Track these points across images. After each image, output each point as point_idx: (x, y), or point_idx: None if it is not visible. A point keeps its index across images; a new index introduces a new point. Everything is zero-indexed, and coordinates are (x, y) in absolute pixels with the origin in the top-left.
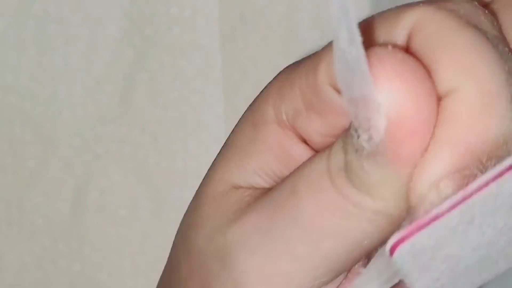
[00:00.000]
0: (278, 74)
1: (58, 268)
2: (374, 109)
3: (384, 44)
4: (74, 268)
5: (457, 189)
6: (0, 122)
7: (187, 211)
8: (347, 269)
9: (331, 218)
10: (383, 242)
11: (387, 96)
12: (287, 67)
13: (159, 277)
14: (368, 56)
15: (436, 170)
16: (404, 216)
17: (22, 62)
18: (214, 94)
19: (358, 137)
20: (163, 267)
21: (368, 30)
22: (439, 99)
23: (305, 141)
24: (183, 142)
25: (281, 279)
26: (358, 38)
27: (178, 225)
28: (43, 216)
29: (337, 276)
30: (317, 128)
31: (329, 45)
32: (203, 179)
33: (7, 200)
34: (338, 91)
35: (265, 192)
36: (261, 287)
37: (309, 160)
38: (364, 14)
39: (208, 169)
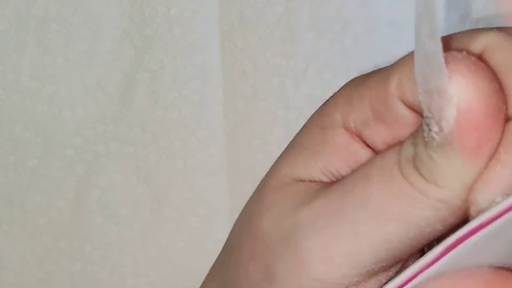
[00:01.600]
0: (346, 84)
1: (59, 267)
2: (447, 100)
3: (460, 50)
4: (75, 267)
5: None
6: (1, 121)
7: (248, 201)
8: (404, 257)
9: (398, 204)
10: (442, 236)
11: (458, 89)
12: (356, 77)
13: (159, 275)
14: (445, 56)
15: (496, 186)
16: (464, 210)
17: (23, 62)
18: (213, 94)
19: (430, 130)
20: (163, 266)
21: (444, 44)
22: (508, 120)
23: (369, 146)
24: (183, 142)
25: (343, 260)
26: (438, 33)
27: (178, 225)
28: (44, 215)
29: (395, 262)
30: (383, 137)
31: (399, 60)
32: (266, 173)
33: (8, 199)
34: (406, 104)
35: (334, 182)
36: (325, 266)
37: (381, 153)
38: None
39: (272, 165)
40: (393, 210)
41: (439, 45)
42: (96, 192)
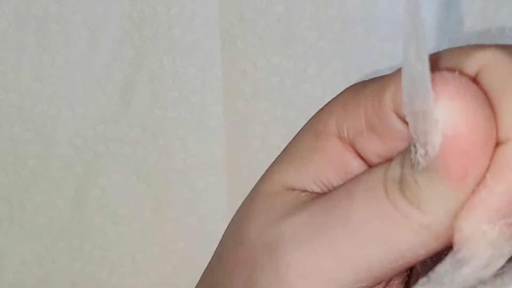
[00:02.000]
0: (343, 91)
1: (59, 267)
2: (432, 124)
3: (452, 69)
4: (75, 267)
5: (500, 235)
6: (1, 121)
7: (240, 206)
8: (386, 279)
9: (380, 225)
10: (425, 260)
11: (445, 113)
12: (353, 85)
13: (159, 275)
14: (435, 76)
15: (482, 213)
16: (448, 237)
17: (23, 62)
18: (213, 94)
19: (416, 152)
20: (163, 266)
21: (438, 60)
22: (497, 144)
23: (362, 158)
24: (183, 141)
25: (322, 278)
26: (425, 54)
27: (178, 224)
28: (44, 215)
29: (376, 283)
30: (375, 149)
31: (397, 71)
32: (260, 179)
33: (8, 199)
34: (401, 118)
35: (321, 195)
36: (303, 282)
37: (368, 169)
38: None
39: (266, 169)
40: (373, 231)
41: (426, 67)
42: (96, 192)
